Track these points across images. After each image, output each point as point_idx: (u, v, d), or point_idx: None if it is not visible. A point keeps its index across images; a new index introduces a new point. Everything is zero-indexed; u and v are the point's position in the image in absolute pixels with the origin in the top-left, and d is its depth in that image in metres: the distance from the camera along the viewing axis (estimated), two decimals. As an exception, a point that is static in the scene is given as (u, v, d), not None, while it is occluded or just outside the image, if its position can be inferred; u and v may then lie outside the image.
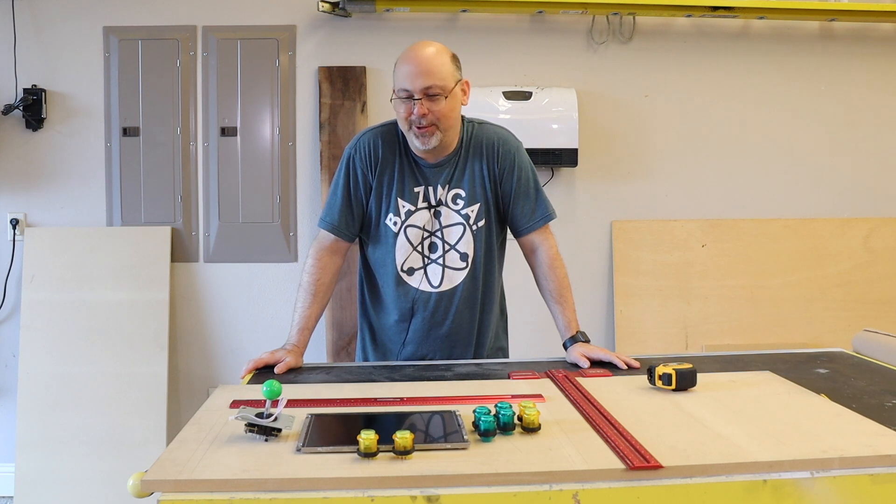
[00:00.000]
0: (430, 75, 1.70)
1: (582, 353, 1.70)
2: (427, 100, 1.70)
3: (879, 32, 3.30)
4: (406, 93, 1.71)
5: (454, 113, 1.76)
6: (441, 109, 1.71)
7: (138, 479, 1.02)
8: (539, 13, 3.14)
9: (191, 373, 3.18)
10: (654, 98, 3.25)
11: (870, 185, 3.34)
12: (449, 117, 1.74)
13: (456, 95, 1.75)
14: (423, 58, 1.71)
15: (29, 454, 2.92)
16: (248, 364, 1.64)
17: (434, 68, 1.71)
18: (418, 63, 1.71)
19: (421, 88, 1.69)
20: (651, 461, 1.05)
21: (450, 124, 1.75)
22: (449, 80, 1.72)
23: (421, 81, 1.69)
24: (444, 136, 1.75)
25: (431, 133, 1.72)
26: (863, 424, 1.21)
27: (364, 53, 3.15)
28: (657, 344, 3.16)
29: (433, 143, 1.74)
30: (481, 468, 1.03)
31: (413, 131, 1.73)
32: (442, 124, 1.73)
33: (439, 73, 1.71)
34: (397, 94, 1.74)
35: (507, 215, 1.87)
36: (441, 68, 1.72)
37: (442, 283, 1.83)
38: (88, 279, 3.05)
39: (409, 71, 1.71)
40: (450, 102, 1.73)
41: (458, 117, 1.79)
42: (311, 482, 1.01)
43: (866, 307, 3.23)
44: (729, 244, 3.25)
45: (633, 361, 1.66)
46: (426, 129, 1.72)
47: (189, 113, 3.14)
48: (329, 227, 1.84)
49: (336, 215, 1.84)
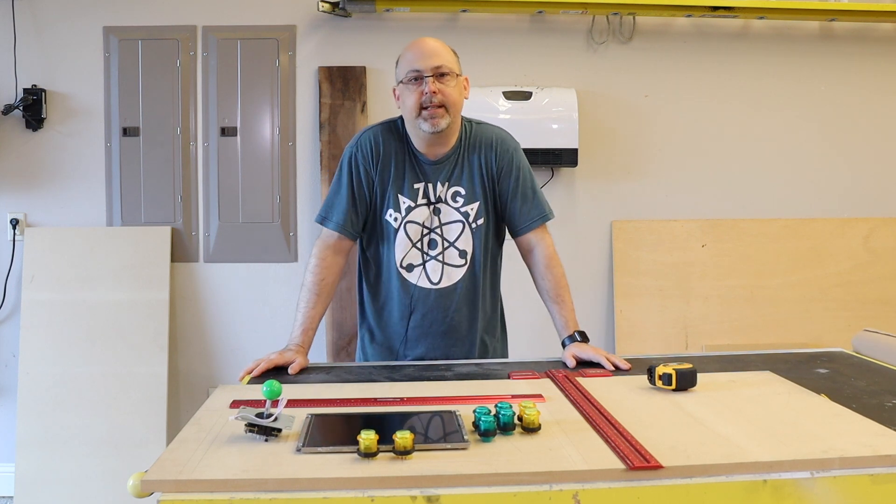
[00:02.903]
0: (439, 56, 1.77)
1: (572, 354, 1.69)
2: (437, 79, 1.74)
3: (879, 32, 3.30)
4: (416, 73, 1.75)
5: (460, 100, 1.80)
6: (451, 91, 1.76)
7: (138, 479, 1.02)
8: (539, 13, 3.14)
9: (191, 373, 3.18)
10: (654, 98, 3.25)
11: (870, 185, 3.34)
12: (457, 102, 1.79)
13: (461, 83, 1.81)
14: (430, 43, 1.79)
15: (29, 454, 2.92)
16: (255, 364, 1.61)
17: (442, 52, 1.78)
18: (427, 47, 1.78)
19: (432, 67, 1.75)
20: (651, 461, 1.05)
21: (456, 110, 1.79)
22: (455, 65, 1.80)
23: (432, 61, 1.75)
24: (452, 122, 1.78)
25: (441, 115, 1.75)
26: (863, 424, 1.21)
27: (364, 53, 3.15)
28: (657, 344, 3.16)
29: (442, 125, 1.75)
30: (481, 468, 1.03)
31: (423, 115, 1.75)
32: (451, 108, 1.76)
33: (447, 57, 1.79)
34: (406, 79, 1.76)
35: (505, 214, 1.88)
36: (448, 54, 1.80)
37: (441, 279, 1.84)
38: (88, 279, 3.05)
39: (419, 53, 1.77)
40: (457, 87, 1.78)
41: (461, 109, 1.83)
42: (311, 482, 1.01)
43: (866, 307, 3.23)
44: (729, 244, 3.24)
45: (623, 363, 1.64)
46: (437, 110, 1.74)
47: (189, 113, 3.14)
48: (335, 227, 1.83)
49: (342, 214, 1.83)
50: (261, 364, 1.61)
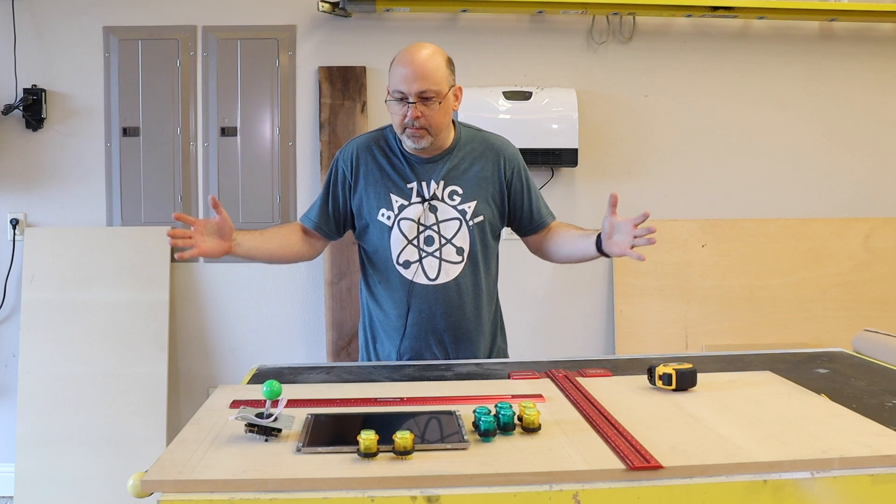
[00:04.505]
0: (425, 79, 1.74)
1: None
2: (421, 103, 1.75)
3: (879, 32, 3.30)
4: (401, 94, 1.76)
5: (446, 118, 1.82)
6: (434, 115, 1.76)
7: (138, 479, 1.02)
8: (539, 13, 3.14)
9: (191, 373, 3.18)
10: (654, 98, 3.25)
11: (870, 185, 3.34)
12: (441, 124, 1.80)
13: (448, 100, 1.80)
14: (419, 61, 1.74)
15: (29, 454, 2.92)
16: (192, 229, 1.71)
17: (429, 72, 1.74)
18: (414, 66, 1.74)
19: (416, 92, 1.74)
20: (651, 461, 1.05)
21: (440, 129, 1.81)
22: (443, 84, 1.77)
23: (416, 85, 1.73)
24: (435, 140, 1.81)
25: (423, 136, 1.78)
26: (863, 424, 1.21)
27: (364, 53, 3.15)
28: (657, 344, 3.16)
29: (423, 144, 1.80)
30: (481, 468, 1.03)
31: (406, 133, 1.79)
32: (433, 130, 1.79)
33: (434, 78, 1.75)
34: (392, 94, 1.78)
35: (519, 215, 1.95)
36: (436, 72, 1.75)
37: (439, 275, 1.86)
38: (88, 279, 3.05)
39: (404, 74, 1.74)
40: (443, 108, 1.78)
41: (449, 122, 1.85)
42: (311, 482, 1.01)
43: (866, 307, 3.23)
44: (729, 244, 3.24)
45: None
46: (418, 131, 1.77)
47: (189, 113, 3.14)
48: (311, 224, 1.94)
49: (315, 211, 1.94)
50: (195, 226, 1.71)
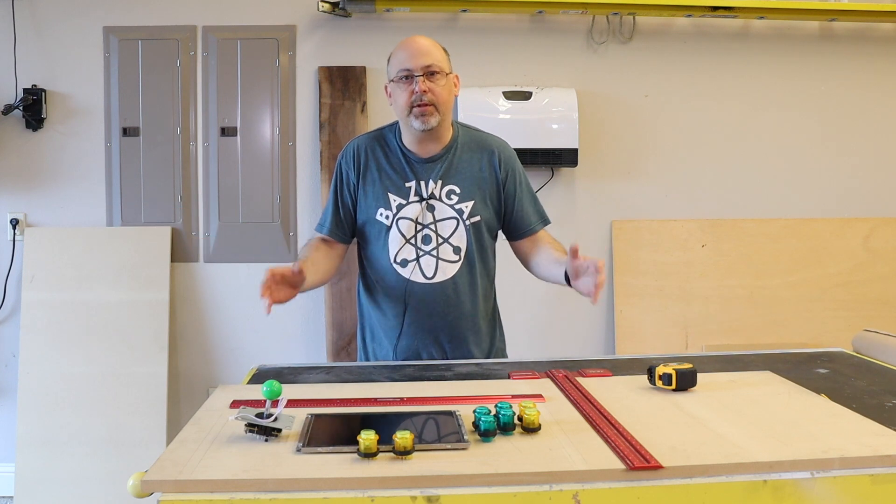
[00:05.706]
0: (429, 55, 1.80)
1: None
2: (427, 78, 1.78)
3: (879, 32, 3.30)
4: (406, 72, 1.79)
5: (450, 98, 1.85)
6: (441, 91, 1.79)
7: (138, 480, 1.02)
8: (539, 13, 3.14)
9: (191, 373, 3.18)
10: (654, 98, 3.25)
11: (870, 185, 3.34)
12: (447, 102, 1.83)
13: (451, 82, 1.84)
14: (420, 42, 1.83)
15: (29, 454, 2.92)
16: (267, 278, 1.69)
17: (432, 51, 1.82)
18: (417, 46, 1.81)
19: (422, 66, 1.78)
20: (651, 461, 1.04)
21: (446, 109, 1.83)
22: (445, 64, 1.84)
23: (422, 60, 1.79)
24: (442, 119, 1.82)
25: (431, 113, 1.79)
26: (863, 424, 1.21)
27: (364, 53, 3.15)
28: (657, 344, 3.16)
29: (433, 122, 1.80)
30: (481, 468, 1.03)
31: (414, 113, 1.79)
32: (441, 107, 1.80)
33: (437, 55, 1.82)
34: (396, 77, 1.81)
35: (508, 218, 1.93)
36: (438, 52, 1.83)
37: (436, 274, 1.86)
38: (88, 279, 3.05)
39: (409, 53, 1.80)
40: (447, 87, 1.82)
41: (451, 108, 1.87)
42: (311, 482, 1.01)
43: (866, 307, 3.23)
44: (729, 244, 3.24)
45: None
46: (427, 108, 1.78)
47: (189, 113, 3.14)
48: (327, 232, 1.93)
49: (329, 217, 1.93)
50: (267, 276, 1.69)
